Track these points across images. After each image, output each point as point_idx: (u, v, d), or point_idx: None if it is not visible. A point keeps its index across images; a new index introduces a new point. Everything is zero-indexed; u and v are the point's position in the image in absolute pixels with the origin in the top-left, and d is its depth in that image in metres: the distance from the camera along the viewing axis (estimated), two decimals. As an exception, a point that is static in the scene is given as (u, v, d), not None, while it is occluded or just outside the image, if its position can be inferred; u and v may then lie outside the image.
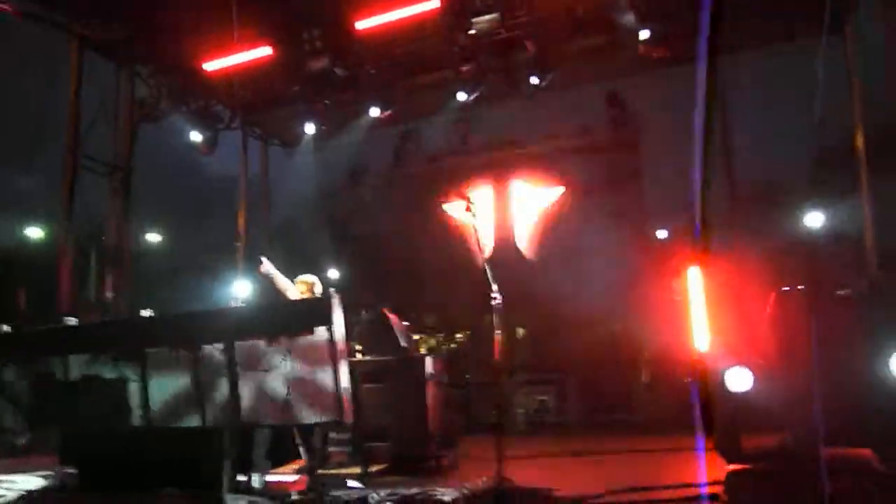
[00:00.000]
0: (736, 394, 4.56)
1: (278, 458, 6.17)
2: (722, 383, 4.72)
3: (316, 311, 4.75)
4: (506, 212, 13.29)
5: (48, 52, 13.10)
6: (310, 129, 12.14)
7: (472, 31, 9.98)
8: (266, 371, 4.75)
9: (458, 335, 13.93)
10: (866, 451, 4.94)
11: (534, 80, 10.24)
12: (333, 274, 16.54)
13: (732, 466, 4.81)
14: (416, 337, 11.75)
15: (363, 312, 8.56)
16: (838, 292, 5.71)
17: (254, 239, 14.53)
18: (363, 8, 10.04)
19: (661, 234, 12.29)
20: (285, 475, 6.37)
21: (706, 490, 4.71)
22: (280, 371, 4.71)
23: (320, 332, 4.63)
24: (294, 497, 5.17)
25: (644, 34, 9.50)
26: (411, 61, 10.95)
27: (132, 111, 11.97)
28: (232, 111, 12.49)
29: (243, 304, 9.03)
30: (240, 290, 13.63)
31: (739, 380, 4.58)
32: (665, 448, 7.56)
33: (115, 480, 5.28)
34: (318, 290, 6.88)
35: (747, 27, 9.52)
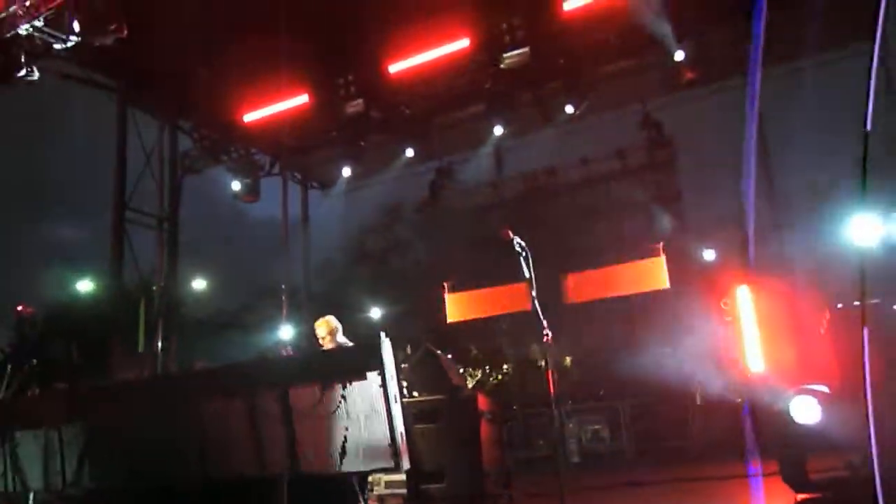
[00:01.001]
0: (798, 422, 4.43)
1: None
2: (786, 412, 4.59)
3: (368, 355, 4.78)
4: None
5: (94, 111, 13.60)
6: (347, 171, 12.36)
7: (503, 66, 10.07)
8: (321, 418, 4.77)
9: (504, 366, 13.86)
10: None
11: (568, 109, 10.27)
12: (375, 313, 16.65)
13: (801, 496, 4.67)
14: (461, 370, 11.72)
15: (408, 349, 8.58)
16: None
17: (296, 282, 14.75)
18: (395, 51, 10.25)
19: (709, 254, 12.10)
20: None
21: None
22: (335, 418, 4.74)
23: (372, 376, 4.65)
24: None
25: (679, 55, 9.50)
26: (444, 99, 11.09)
27: (176, 164, 12.32)
28: (272, 158, 12.77)
29: (294, 351, 9.10)
30: (285, 335, 13.81)
31: (805, 409, 4.45)
32: (722, 476, 7.37)
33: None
34: (338, 330, 6.84)
35: (796, 35, 9.42)
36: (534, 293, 4.74)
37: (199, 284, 22.02)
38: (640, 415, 12.22)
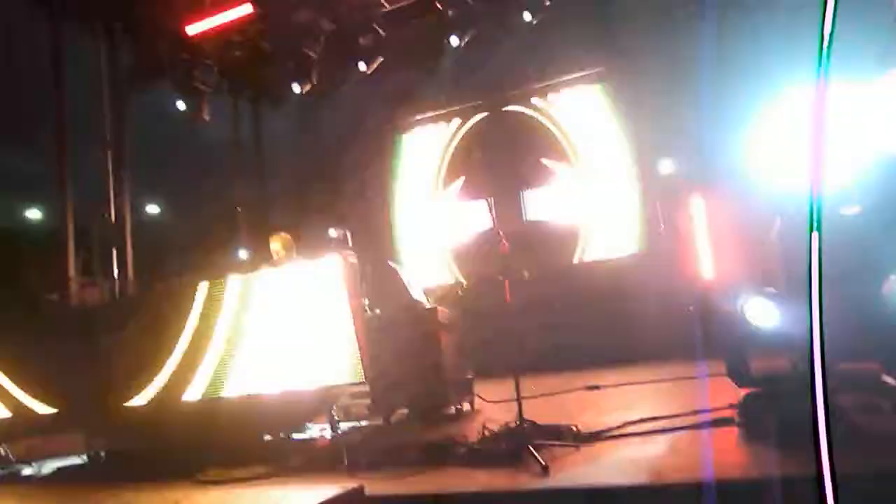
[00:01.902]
0: (752, 323, 4.62)
1: (303, 417, 6.31)
2: (738, 313, 4.77)
3: (329, 270, 4.80)
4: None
5: (25, 26, 12.85)
6: (298, 87, 11.98)
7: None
8: (286, 332, 4.82)
9: (464, 282, 14.03)
10: (875, 366, 5.05)
11: (526, 16, 10.05)
12: (332, 233, 16.51)
13: (745, 390, 4.92)
14: (422, 287, 11.83)
15: (368, 267, 8.61)
16: (842, 211, 5.71)
17: (253, 203, 14.53)
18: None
19: (665, 166, 12.21)
20: (310, 433, 6.54)
21: (720, 415, 4.82)
22: (299, 331, 4.79)
23: (333, 291, 4.69)
24: (321, 453, 5.30)
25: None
26: (398, 8, 10.73)
27: (118, 82, 11.81)
28: (219, 74, 12.31)
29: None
30: (242, 256, 13.71)
31: (759, 310, 4.62)
32: (677, 376, 7.71)
33: (148, 451, 5.42)
34: (293, 248, 6.83)
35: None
36: (491, 202, 4.78)
37: (152, 209, 21.56)
38: (594, 320, 12.55)
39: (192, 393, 5.23)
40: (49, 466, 6.43)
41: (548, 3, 10.53)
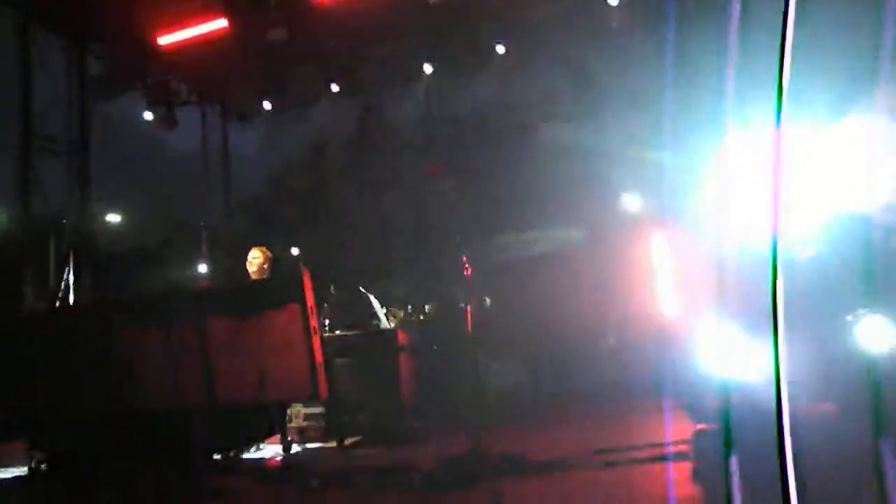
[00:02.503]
0: (706, 355, 4.67)
1: (255, 436, 6.17)
2: (697, 347, 4.83)
3: (288, 289, 4.74)
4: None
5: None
6: (269, 104, 11.94)
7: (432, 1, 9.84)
8: (239, 350, 4.73)
9: (427, 307, 13.99)
10: (829, 406, 5.13)
11: (499, 49, 10.18)
12: (294, 251, 16.39)
13: (699, 426, 4.96)
14: (383, 311, 11.79)
15: (331, 288, 8.54)
16: (802, 252, 5.85)
17: (216, 216, 14.36)
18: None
19: (632, 201, 12.42)
20: (261, 452, 6.40)
21: (674, 449, 4.84)
22: (253, 349, 4.70)
23: (292, 308, 4.63)
24: (271, 473, 5.19)
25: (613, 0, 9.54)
26: (372, 32, 10.79)
27: (86, 89, 11.63)
28: (189, 86, 12.22)
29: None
30: (204, 270, 13.50)
31: (727, 343, 4.68)
32: (634, 409, 7.74)
33: (89, 467, 5.24)
34: (270, 262, 6.78)
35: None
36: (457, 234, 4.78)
37: (113, 218, 21.12)
38: (556, 354, 12.62)
39: (145, 405, 5.09)
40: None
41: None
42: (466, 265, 4.75)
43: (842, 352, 4.48)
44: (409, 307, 13.70)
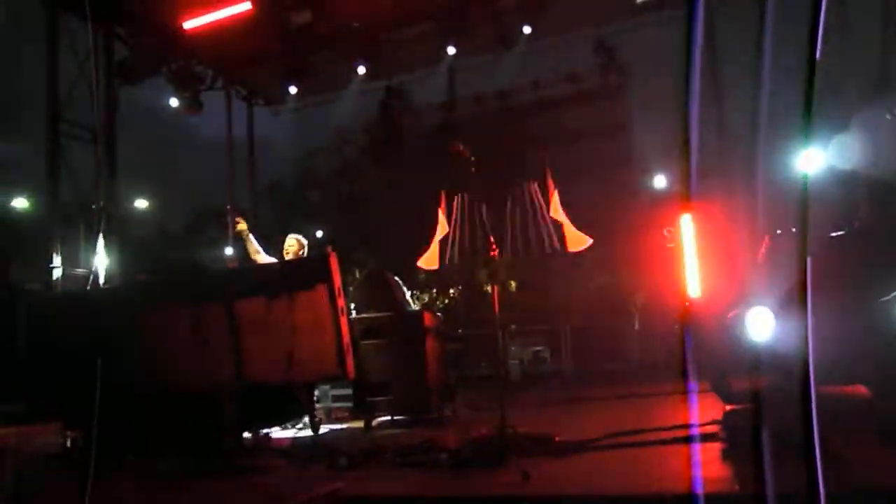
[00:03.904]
0: (741, 338, 4.62)
1: (284, 416, 6.25)
2: (726, 329, 4.78)
3: (315, 269, 4.76)
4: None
5: (22, 14, 12.77)
6: (294, 88, 11.95)
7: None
8: (268, 329, 4.76)
9: (451, 290, 13.99)
10: (862, 389, 5.06)
11: (526, 30, 10.07)
12: (319, 234, 16.47)
13: (729, 406, 4.91)
14: (409, 293, 11.82)
15: (357, 272, 8.59)
16: (832, 234, 5.75)
17: (241, 201, 14.46)
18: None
19: (660, 182, 12.27)
20: (290, 431, 6.48)
21: (703, 430, 4.80)
22: (281, 329, 4.73)
23: (320, 288, 4.65)
24: (300, 452, 5.24)
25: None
26: (396, 14, 10.73)
27: (112, 74, 11.71)
28: (214, 70, 12.25)
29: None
30: (229, 252, 13.63)
31: (755, 322, 4.62)
32: (659, 392, 7.71)
33: (122, 445, 5.32)
34: (306, 248, 6.97)
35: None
36: (483, 209, 4.76)
37: (141, 203, 21.40)
38: (580, 339, 12.60)
39: (175, 385, 5.16)
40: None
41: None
42: (494, 246, 4.72)
43: (877, 331, 4.40)
44: (434, 290, 13.75)
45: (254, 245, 6.95)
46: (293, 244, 6.91)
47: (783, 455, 3.72)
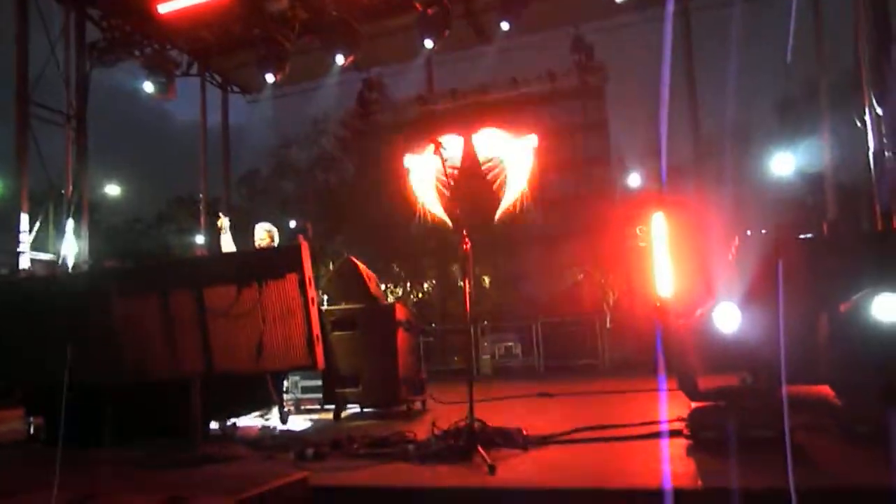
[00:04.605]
0: (708, 334, 4.67)
1: (252, 405, 6.19)
2: (695, 327, 4.83)
3: (286, 258, 4.71)
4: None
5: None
6: (270, 77, 11.82)
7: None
8: (237, 318, 4.71)
9: (425, 285, 14.00)
10: (825, 389, 5.15)
11: (504, 26, 10.07)
12: (292, 224, 16.34)
13: (695, 404, 4.96)
14: (383, 286, 11.79)
15: (331, 263, 8.54)
16: (801, 236, 5.84)
17: (215, 189, 14.31)
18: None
19: (634, 180, 12.38)
20: (258, 421, 6.42)
21: (670, 426, 4.85)
22: (251, 318, 4.68)
23: (290, 277, 4.61)
24: (268, 443, 5.20)
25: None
26: (374, 4, 10.67)
27: (84, 56, 11.50)
28: (189, 56, 12.09)
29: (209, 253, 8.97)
30: (200, 241, 13.51)
31: (724, 316, 4.68)
32: (629, 389, 7.78)
33: (85, 433, 5.24)
34: (277, 239, 6.93)
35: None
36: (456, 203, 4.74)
37: (112, 189, 21.03)
38: (551, 335, 12.68)
39: (142, 372, 5.08)
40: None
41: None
42: (466, 240, 4.71)
43: (842, 332, 4.47)
44: (408, 284, 13.76)
45: (229, 244, 6.91)
46: (263, 236, 6.86)
47: (748, 451, 3.78)
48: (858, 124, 8.63)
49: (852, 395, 4.72)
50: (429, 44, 10.57)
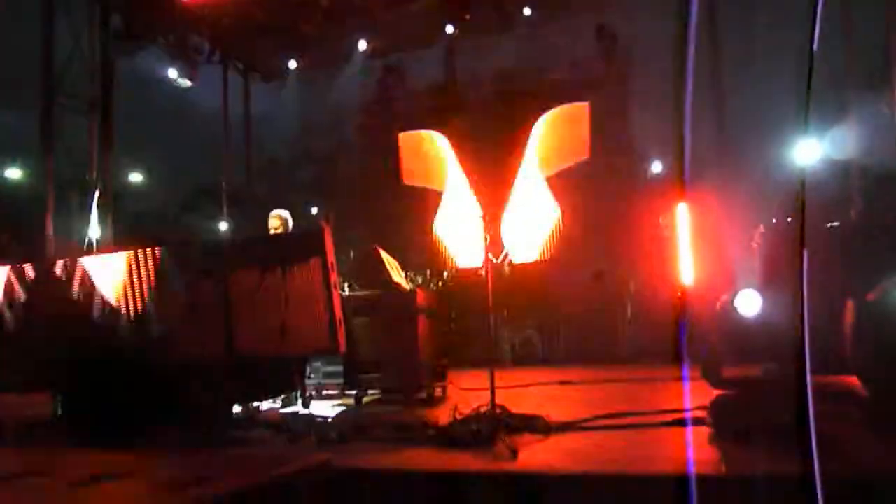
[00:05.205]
0: (730, 321, 4.64)
1: (275, 390, 6.25)
2: (719, 315, 4.80)
3: (309, 243, 4.74)
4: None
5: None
6: (293, 63, 11.86)
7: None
8: (260, 302, 4.75)
9: (445, 273, 13.98)
10: (851, 379, 5.09)
11: (526, 11, 10.00)
12: (314, 211, 16.39)
13: (717, 392, 4.94)
14: (403, 274, 11.80)
15: (352, 252, 8.58)
16: (828, 224, 5.76)
17: (238, 176, 14.40)
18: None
19: (657, 167, 12.27)
20: (281, 406, 6.49)
21: (692, 414, 4.82)
22: (274, 302, 4.73)
23: (313, 262, 4.63)
24: (291, 427, 5.25)
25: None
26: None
27: (107, 45, 11.59)
28: (211, 43, 12.14)
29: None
30: (223, 228, 13.62)
31: (747, 302, 4.65)
32: (650, 378, 7.74)
33: (111, 414, 5.32)
34: (291, 225, 6.94)
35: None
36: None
37: (136, 177, 21.24)
38: (572, 323, 12.62)
39: (166, 353, 5.15)
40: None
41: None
42: (487, 224, 4.71)
43: (869, 321, 4.42)
44: (428, 272, 13.73)
45: None
46: (277, 224, 6.87)
47: (770, 439, 3.75)
48: (887, 111, 8.47)
49: (879, 385, 4.66)
50: (450, 29, 10.53)
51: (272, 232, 6.86)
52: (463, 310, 12.84)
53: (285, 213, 6.97)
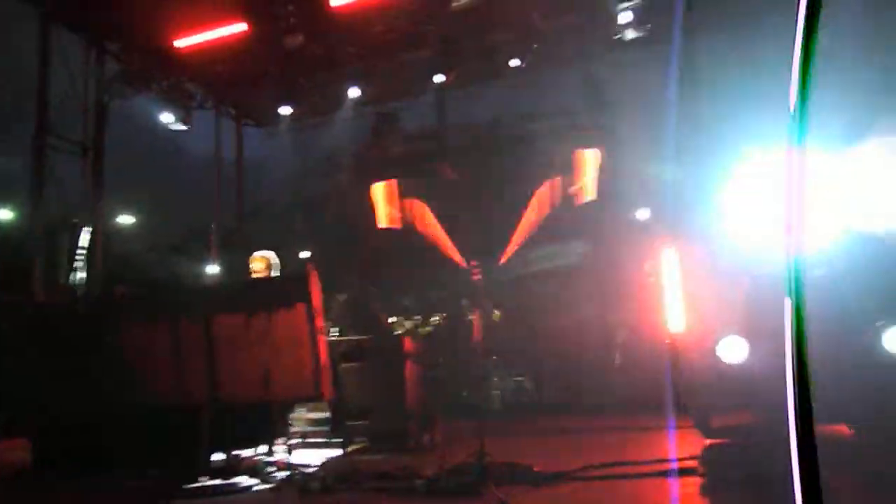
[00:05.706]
0: (720, 369, 4.61)
1: (258, 437, 6.12)
2: (707, 363, 4.77)
3: (295, 288, 4.71)
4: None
5: (14, 27, 12.79)
6: (286, 110, 11.96)
7: (453, 6, 9.84)
8: (245, 347, 4.69)
9: (435, 318, 13.91)
10: (843, 429, 5.04)
11: (514, 63, 10.19)
12: (304, 255, 16.38)
13: (709, 441, 4.88)
14: (392, 319, 11.75)
15: (340, 293, 8.52)
16: (813, 273, 5.78)
17: (228, 221, 14.39)
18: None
19: (643, 214, 12.38)
20: (264, 454, 6.35)
21: (683, 464, 4.76)
22: (259, 347, 4.67)
23: (299, 307, 4.60)
24: (274, 476, 5.14)
25: (625, 16, 9.56)
26: (390, 40, 10.81)
27: (102, 89, 11.69)
28: (205, 90, 12.26)
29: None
30: (212, 272, 13.56)
31: (733, 348, 4.62)
32: (639, 426, 7.65)
33: (92, 461, 5.20)
34: (276, 265, 6.76)
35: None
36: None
37: (126, 219, 21.23)
38: (562, 370, 12.52)
39: (148, 400, 5.06)
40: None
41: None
42: (476, 271, 4.70)
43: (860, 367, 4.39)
44: (418, 317, 13.66)
45: None
46: (260, 266, 6.35)
47: (761, 489, 3.69)
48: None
49: (870, 432, 4.63)
50: (439, 78, 10.70)
51: (254, 275, 6.64)
52: (452, 355, 12.75)
53: (269, 255, 6.77)
